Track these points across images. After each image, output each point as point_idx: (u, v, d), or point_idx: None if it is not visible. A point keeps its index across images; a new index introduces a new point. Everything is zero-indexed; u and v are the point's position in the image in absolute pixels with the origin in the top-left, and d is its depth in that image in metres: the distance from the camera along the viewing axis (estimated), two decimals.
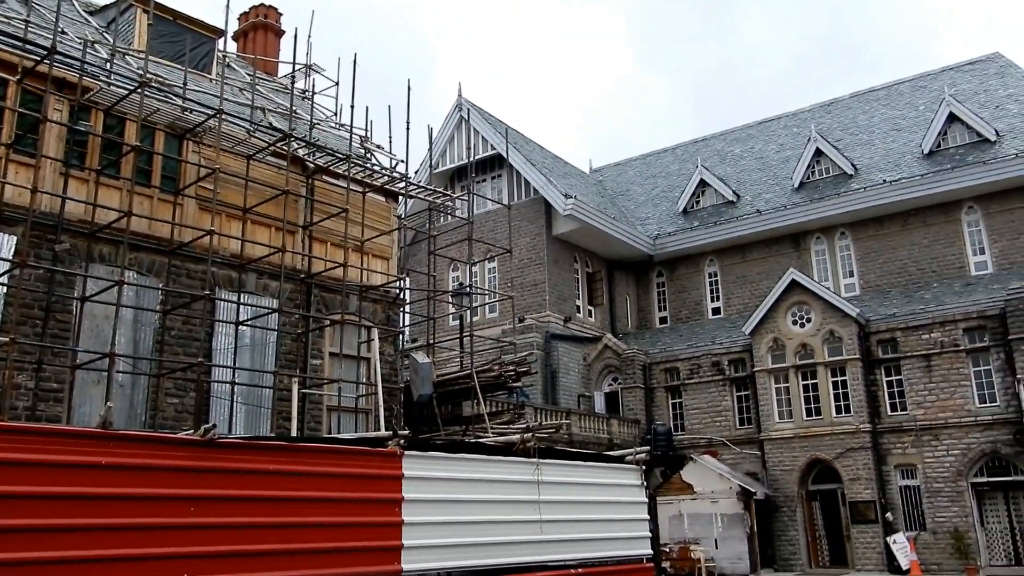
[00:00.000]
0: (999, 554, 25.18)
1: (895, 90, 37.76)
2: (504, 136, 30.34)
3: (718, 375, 30.63)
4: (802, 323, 28.73)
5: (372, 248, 16.85)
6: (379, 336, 16.27)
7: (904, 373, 27.09)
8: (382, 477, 7.71)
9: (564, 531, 9.28)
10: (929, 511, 25.88)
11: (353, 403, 15.67)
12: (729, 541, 26.38)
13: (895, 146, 34.08)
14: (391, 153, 18.64)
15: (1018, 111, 31.87)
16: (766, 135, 40.41)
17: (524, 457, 9.22)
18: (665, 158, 43.85)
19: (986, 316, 25.97)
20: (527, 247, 33.60)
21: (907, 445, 26.58)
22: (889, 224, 32.20)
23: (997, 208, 30.14)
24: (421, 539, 7.80)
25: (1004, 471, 25.26)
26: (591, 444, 25.93)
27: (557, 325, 32.81)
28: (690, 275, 36.81)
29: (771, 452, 28.45)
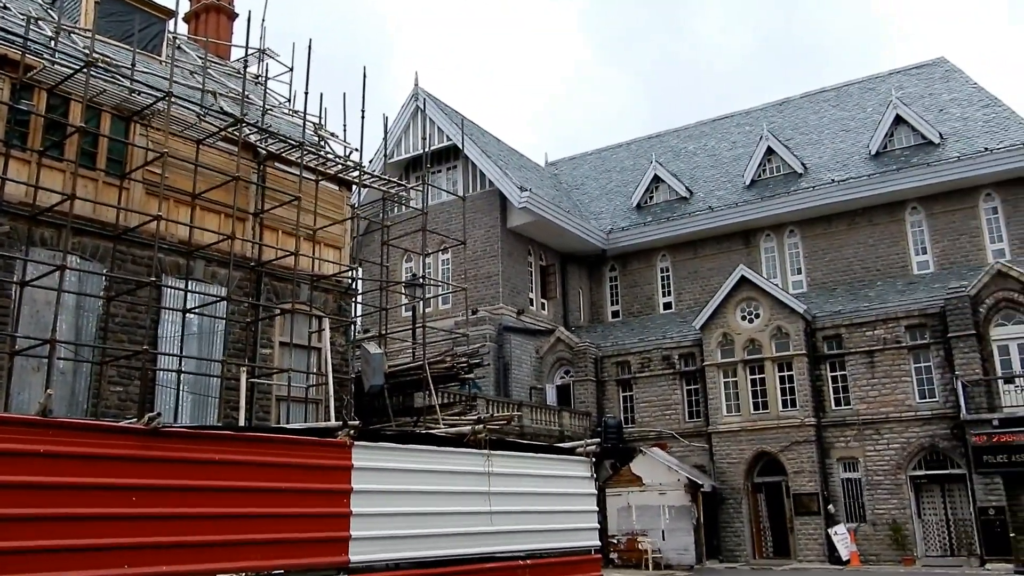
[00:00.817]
0: (935, 545, 25.97)
1: (845, 91, 38.53)
2: (460, 127, 30.24)
3: (668, 369, 31.00)
4: (751, 319, 29.20)
5: (324, 237, 16.67)
6: (330, 326, 16.11)
7: (848, 369, 27.73)
8: (331, 468, 7.63)
9: (513, 522, 9.30)
10: (869, 503, 26.56)
11: (303, 393, 15.50)
12: (676, 533, 26.76)
13: (844, 146, 34.79)
14: (345, 141, 18.44)
15: (961, 115, 32.76)
16: (719, 132, 40.93)
17: (475, 448, 9.21)
18: (620, 153, 44.14)
19: (927, 314, 26.70)
20: (481, 239, 33.57)
21: (850, 439, 27.23)
22: (837, 223, 32.88)
23: (939, 209, 30.98)
24: (370, 530, 7.75)
25: (941, 464, 26.04)
26: (542, 436, 26.05)
27: (510, 318, 32.87)
28: (642, 270, 37.16)
29: (719, 445, 28.90)
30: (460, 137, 30.32)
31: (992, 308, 25.36)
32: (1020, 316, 25.09)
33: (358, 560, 7.53)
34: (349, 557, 7.46)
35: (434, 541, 8.37)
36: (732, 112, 42.25)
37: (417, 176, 34.79)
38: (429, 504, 8.44)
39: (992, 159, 29.50)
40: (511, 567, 9.10)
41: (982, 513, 24.30)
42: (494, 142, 38.02)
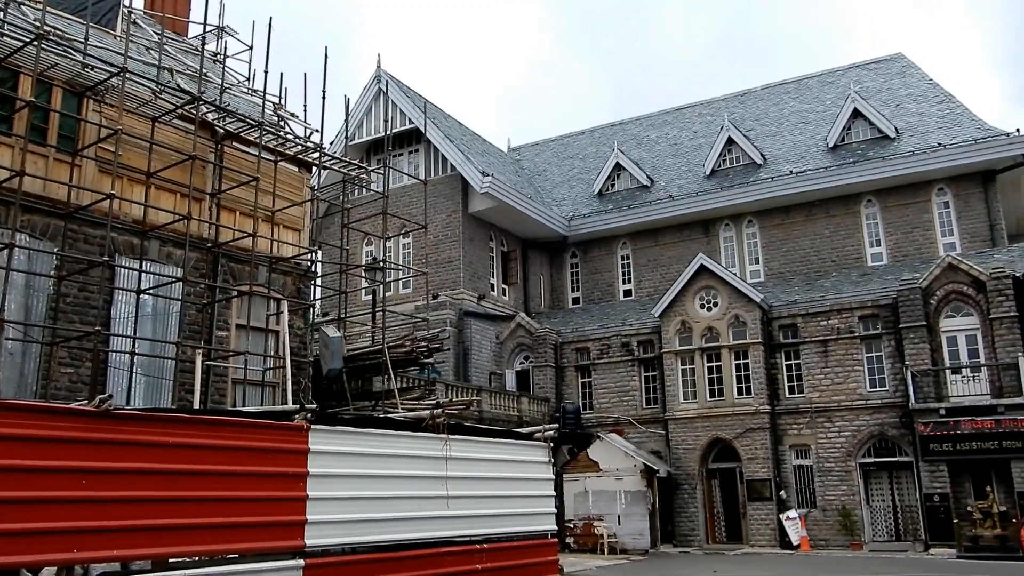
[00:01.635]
0: (882, 530, 26.63)
1: (804, 84, 39.01)
2: (422, 111, 30.02)
3: (627, 356, 31.26)
4: (709, 307, 29.54)
5: (283, 219, 16.47)
6: (288, 309, 15.94)
7: (802, 357, 28.22)
8: (287, 451, 7.57)
9: (471, 507, 9.33)
10: (820, 489, 27.13)
11: (260, 376, 15.34)
12: (632, 517, 27.08)
13: (802, 138, 35.26)
14: (306, 122, 18.21)
15: (916, 110, 33.40)
16: (681, 122, 41.21)
17: (433, 433, 9.20)
18: (582, 140, 44.23)
19: (879, 305, 27.25)
20: (443, 224, 33.45)
21: (802, 426, 27.75)
22: (794, 214, 33.37)
23: (894, 203, 31.59)
24: (326, 514, 7.71)
25: (890, 452, 26.67)
26: (501, 421, 26.13)
27: (471, 303, 32.84)
28: (603, 257, 37.36)
29: (675, 431, 29.26)
30: (423, 120, 30.09)
31: (942, 300, 25.96)
32: (968, 309, 25.73)
33: (314, 544, 7.49)
34: (305, 541, 7.41)
35: (391, 525, 8.36)
36: (694, 102, 42.57)
37: (378, 159, 34.52)
38: (386, 488, 8.42)
39: (945, 154, 30.14)
40: (467, 551, 9.13)
41: (927, 500, 24.97)
42: (457, 126, 37.84)
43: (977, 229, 30.05)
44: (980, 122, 31.05)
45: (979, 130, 30.44)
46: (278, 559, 7.25)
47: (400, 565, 8.30)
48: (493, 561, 9.36)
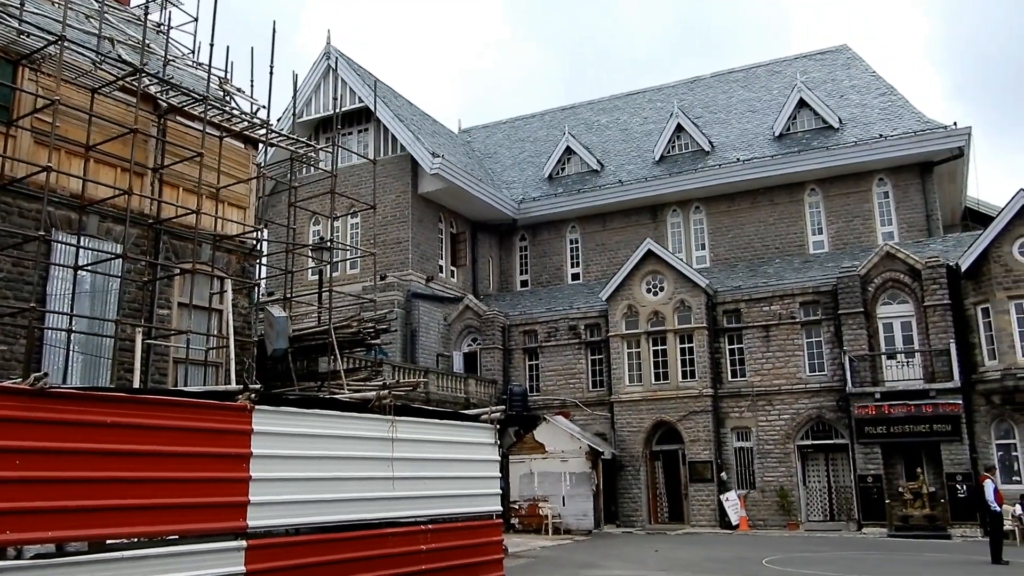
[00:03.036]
0: (817, 510, 27.42)
1: (752, 73, 39.54)
2: (373, 89, 29.66)
3: (574, 339, 31.51)
4: (656, 291, 29.91)
5: (228, 196, 16.14)
6: (233, 288, 15.68)
7: (745, 342, 28.79)
8: (230, 432, 7.47)
9: (416, 488, 9.34)
10: (759, 471, 27.79)
11: (203, 356, 15.08)
12: (576, 498, 27.41)
13: (750, 127, 35.79)
14: (252, 98, 17.83)
15: (859, 101, 34.14)
16: (632, 107, 41.47)
17: (379, 414, 9.17)
18: (533, 123, 44.23)
19: (820, 292, 27.91)
20: (391, 204, 33.19)
21: (744, 409, 28.35)
22: (740, 201, 33.91)
23: (836, 192, 32.31)
24: (269, 495, 7.64)
25: (826, 435, 27.43)
26: (448, 403, 26.16)
27: (419, 284, 32.71)
28: (552, 240, 37.51)
29: (620, 414, 29.63)
30: (372, 99, 29.76)
31: (879, 288, 26.70)
32: (904, 296, 26.51)
33: (256, 525, 7.43)
34: (247, 522, 7.34)
35: (335, 506, 8.33)
36: (645, 88, 42.86)
37: (327, 137, 34.03)
38: (331, 469, 8.37)
39: (886, 145, 30.90)
40: (412, 532, 9.14)
41: (861, 481, 25.77)
42: (407, 106, 37.50)
43: (914, 219, 30.92)
44: (920, 115, 31.88)
45: (919, 123, 31.27)
46: (220, 540, 7.17)
47: (344, 546, 8.29)
48: (438, 542, 9.39)
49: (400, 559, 8.83)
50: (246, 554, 7.26)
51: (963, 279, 25.40)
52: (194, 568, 6.82)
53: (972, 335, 25.19)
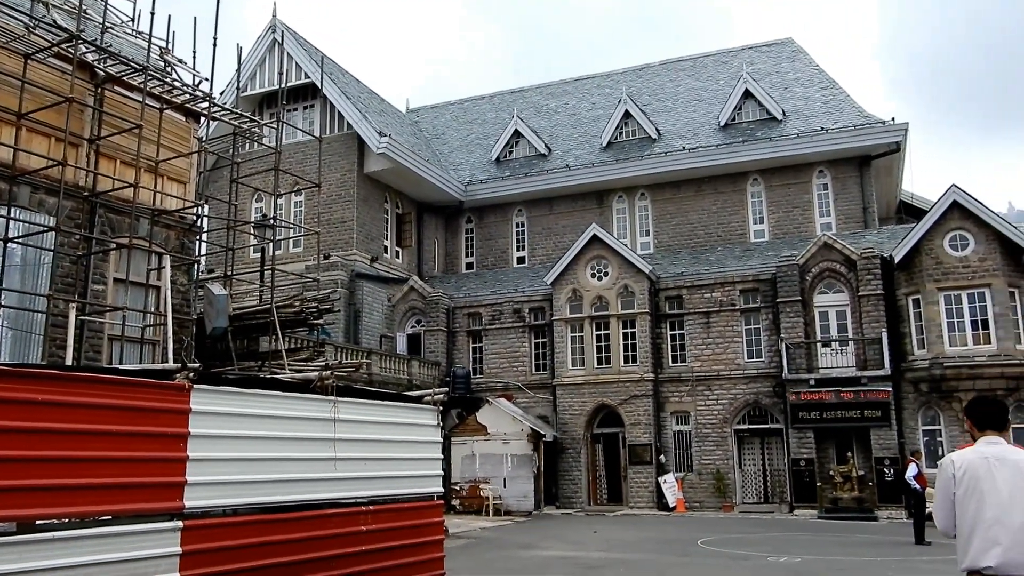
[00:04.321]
0: (752, 493, 28.13)
1: (700, 62, 39.98)
2: (319, 65, 29.15)
3: (519, 322, 31.63)
4: (600, 277, 30.17)
5: (168, 170, 15.73)
6: (171, 264, 15.32)
7: (686, 328, 29.27)
8: (167, 411, 7.32)
9: (358, 469, 9.29)
10: (697, 454, 28.37)
11: (139, 333, 14.72)
12: (517, 480, 27.62)
13: (696, 115, 36.22)
14: (195, 70, 17.35)
15: (803, 94, 34.81)
16: (580, 92, 41.59)
17: (321, 395, 9.09)
18: (482, 105, 44.05)
19: (760, 280, 28.50)
20: (337, 183, 32.77)
21: (683, 394, 28.86)
22: (685, 189, 34.35)
23: (777, 182, 32.96)
24: (207, 476, 7.52)
25: (762, 419, 28.11)
26: (391, 384, 26.06)
27: (363, 264, 32.43)
28: (498, 223, 37.51)
29: (562, 397, 29.90)
30: (319, 75, 29.26)
31: (817, 277, 27.38)
32: (840, 286, 27.23)
33: (193, 506, 7.30)
34: (184, 503, 7.22)
35: (275, 487, 8.24)
36: (594, 73, 43.02)
37: (271, 112, 33.37)
38: (271, 450, 8.27)
39: (827, 138, 31.61)
40: (353, 512, 9.10)
41: (794, 464, 26.50)
42: (355, 83, 36.99)
43: (851, 211, 31.73)
44: (860, 109, 32.66)
45: (859, 117, 32.03)
46: (155, 521, 7.04)
47: (284, 527, 8.21)
48: (379, 522, 9.36)
49: (340, 540, 8.79)
50: (182, 535, 7.14)
51: (896, 270, 26.20)
52: (128, 549, 6.69)
53: (903, 325, 26.03)
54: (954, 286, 25.06)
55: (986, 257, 24.88)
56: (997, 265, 24.74)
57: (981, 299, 24.81)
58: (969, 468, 4.48)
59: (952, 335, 24.93)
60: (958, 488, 4.48)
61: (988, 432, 4.65)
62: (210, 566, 7.32)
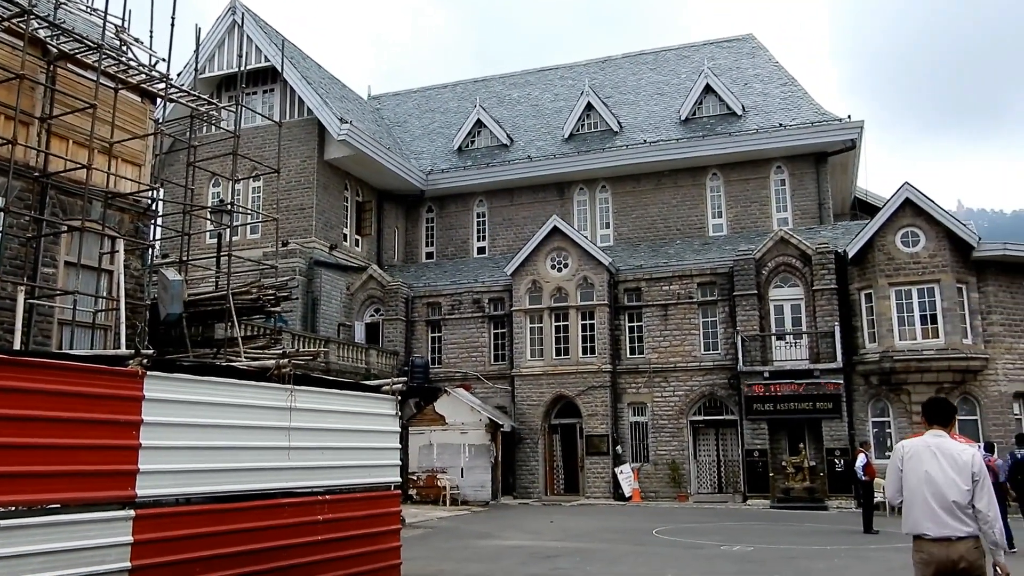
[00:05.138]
0: (706, 483, 28.53)
1: (662, 56, 40.22)
2: (280, 49, 28.73)
3: (478, 312, 31.62)
4: (560, 268, 30.28)
5: (122, 152, 15.40)
6: (125, 248, 15.01)
7: (644, 320, 29.52)
8: (120, 398, 7.19)
9: (314, 458, 9.22)
10: (653, 445, 28.68)
11: (90, 318, 14.42)
12: (475, 470, 27.65)
13: (657, 109, 36.45)
14: (151, 50, 16.99)
15: (762, 90, 35.22)
16: (543, 83, 41.59)
17: (278, 383, 8.99)
18: (445, 94, 43.83)
19: (717, 273, 28.84)
20: (296, 169, 32.38)
21: (640, 385, 29.13)
22: (645, 182, 34.57)
23: (736, 177, 33.34)
24: (160, 464, 7.41)
25: (717, 411, 28.50)
26: (349, 373, 25.90)
27: (322, 252, 32.13)
28: (459, 213, 37.40)
29: (521, 387, 29.99)
30: (279, 59, 28.83)
31: (773, 271, 27.79)
32: (795, 280, 27.68)
33: (146, 494, 7.19)
34: (136, 491, 7.11)
35: (230, 476, 8.15)
36: (557, 65, 43.06)
37: (230, 96, 32.84)
38: (227, 438, 8.17)
39: (785, 134, 32.04)
40: (309, 502, 9.04)
41: (748, 455, 26.92)
42: (316, 69, 36.54)
43: (807, 206, 32.24)
44: (817, 106, 33.16)
45: (816, 114, 32.52)
46: (106, 509, 6.92)
47: (238, 516, 8.13)
48: (335, 512, 9.31)
49: (296, 529, 8.73)
50: (134, 524, 7.03)
51: (850, 265, 26.70)
52: (79, 538, 6.57)
53: (855, 319, 26.55)
54: (905, 281, 25.63)
55: (936, 253, 25.48)
56: (946, 261, 25.36)
57: (930, 294, 25.40)
58: (915, 452, 5.68)
59: (902, 329, 25.50)
60: (904, 466, 5.69)
61: (935, 427, 5.77)
62: (162, 555, 7.22)
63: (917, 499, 5.57)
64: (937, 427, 5.77)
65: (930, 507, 5.48)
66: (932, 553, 5.46)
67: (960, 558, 5.38)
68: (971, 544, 5.41)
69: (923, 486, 5.54)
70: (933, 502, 5.47)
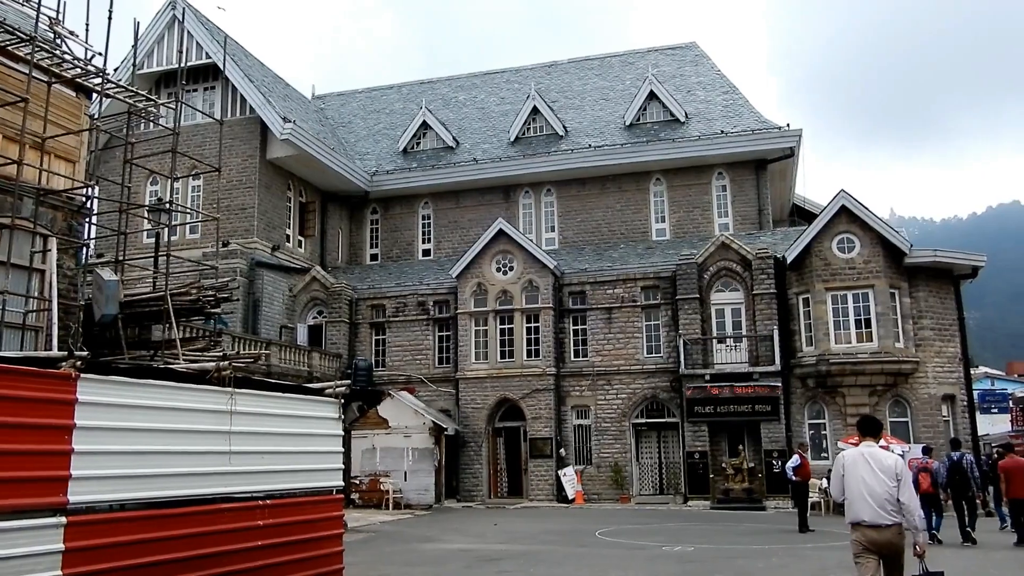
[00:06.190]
0: (648, 485, 28.86)
1: (607, 62, 40.62)
2: (222, 45, 28.21)
3: (423, 315, 31.48)
4: (505, 271, 30.33)
5: (55, 147, 14.93)
6: (58, 247, 14.56)
7: (588, 323, 29.75)
8: (51, 401, 6.96)
9: (255, 462, 9.06)
10: (596, 447, 28.90)
11: (20, 319, 13.94)
12: (418, 474, 27.50)
13: (602, 114, 36.79)
14: (87, 43, 16.51)
15: (705, 98, 35.83)
16: (490, 87, 41.64)
17: (218, 386, 8.82)
18: (390, 95, 43.56)
19: (660, 277, 29.22)
20: (238, 168, 31.82)
21: (584, 388, 29.33)
22: (590, 186, 34.85)
23: (679, 183, 33.83)
24: (94, 469, 7.19)
25: (660, 413, 28.87)
26: (291, 376, 25.53)
27: (264, 253, 31.62)
28: (404, 215, 37.19)
29: (465, 390, 29.93)
30: (221, 56, 28.32)
31: (714, 275, 28.26)
32: (736, 284, 28.20)
33: (78, 500, 6.98)
34: (68, 497, 6.89)
35: (167, 481, 7.95)
36: (503, 68, 43.16)
37: (170, 92, 32.11)
38: (164, 443, 7.98)
39: (726, 141, 32.64)
40: (249, 507, 8.88)
41: (689, 457, 27.33)
42: (259, 67, 35.97)
43: (748, 212, 32.89)
44: (758, 115, 33.86)
45: (757, 122, 33.21)
46: (37, 516, 6.69)
47: (175, 522, 7.94)
48: (276, 517, 9.16)
49: (235, 535, 8.56)
50: (66, 531, 6.82)
51: (788, 270, 27.31)
52: (6, 547, 6.34)
53: (793, 323, 27.17)
54: (841, 286, 26.31)
55: (870, 259, 26.23)
56: (880, 267, 26.12)
57: (865, 299, 26.14)
58: (854, 460, 7.30)
59: (838, 333, 26.18)
60: (846, 472, 7.29)
61: (867, 439, 7.46)
62: (95, 563, 7.01)
63: (856, 496, 7.12)
64: (869, 439, 7.42)
65: (866, 501, 7.03)
66: (866, 535, 7.05)
67: (887, 541, 6.98)
68: (896, 530, 7.00)
69: (860, 486, 7.09)
70: (868, 498, 7.02)
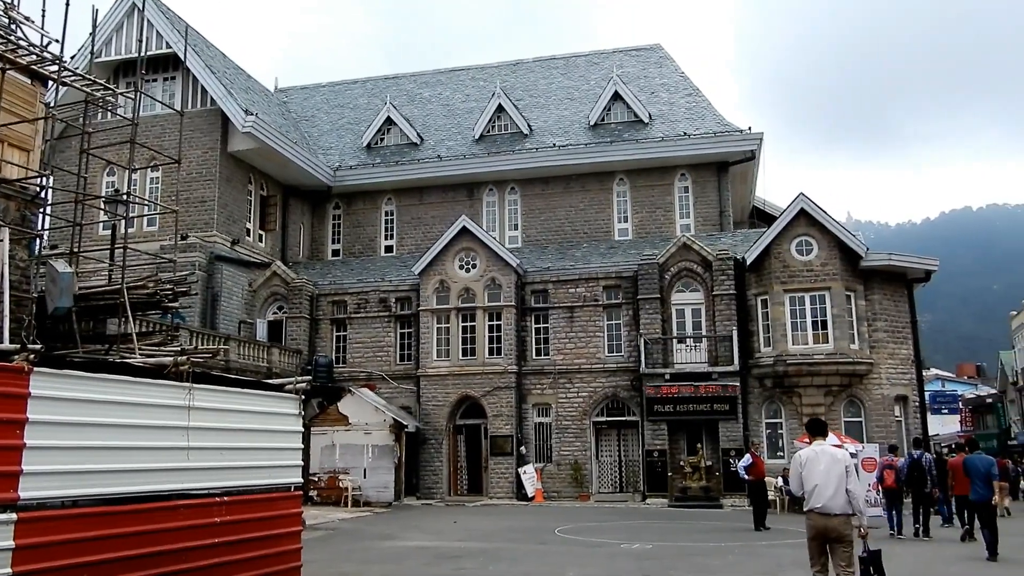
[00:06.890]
0: (607, 483, 29.06)
1: (573, 62, 40.78)
2: (183, 35, 27.78)
3: (384, 311, 31.32)
4: (468, 268, 30.30)
5: (9, 136, 14.58)
6: (10, 237, 14.21)
7: (551, 322, 29.85)
8: (3, 395, 6.82)
9: (213, 458, 8.95)
10: (556, 445, 29.02)
11: None
12: (378, 471, 27.37)
13: (567, 114, 36.93)
14: (43, 30, 16.14)
15: (668, 99, 36.14)
16: (455, 84, 41.55)
17: (175, 381, 8.69)
18: (355, 90, 43.27)
19: (622, 277, 29.43)
20: (198, 160, 31.36)
21: (545, 387, 29.43)
22: (554, 185, 34.96)
23: (642, 183, 34.10)
24: (47, 464, 7.06)
25: (620, 412, 29.08)
26: (250, 372, 25.25)
27: (224, 247, 31.21)
28: (367, 211, 36.97)
29: (426, 388, 29.85)
30: (182, 46, 27.91)
31: (675, 276, 28.54)
32: (696, 285, 28.50)
33: (30, 496, 6.84)
34: (19, 493, 6.75)
35: (122, 477, 7.83)
36: (469, 65, 43.15)
37: (128, 82, 31.56)
38: (119, 438, 7.85)
39: (689, 143, 32.97)
40: (206, 504, 8.77)
41: (648, 455, 27.57)
42: (220, 58, 35.48)
43: (709, 214, 33.25)
44: (720, 117, 34.25)
45: (719, 125, 33.59)
46: None
47: (130, 518, 7.81)
48: (234, 514, 9.06)
49: (192, 532, 8.45)
50: (16, 528, 6.68)
51: (747, 272, 27.67)
52: None
53: (752, 323, 27.54)
54: (798, 288, 26.73)
55: (827, 262, 26.68)
56: (837, 270, 26.59)
57: (822, 301, 26.58)
58: (810, 457, 8.37)
59: (795, 334, 26.59)
60: (803, 468, 8.33)
61: (817, 438, 8.62)
62: (47, 561, 6.88)
63: (813, 488, 8.14)
64: (818, 439, 8.58)
65: (822, 493, 8.06)
66: (817, 520, 8.12)
67: (833, 527, 8.04)
68: (844, 519, 8.03)
69: (816, 479, 8.12)
70: (823, 489, 8.06)
